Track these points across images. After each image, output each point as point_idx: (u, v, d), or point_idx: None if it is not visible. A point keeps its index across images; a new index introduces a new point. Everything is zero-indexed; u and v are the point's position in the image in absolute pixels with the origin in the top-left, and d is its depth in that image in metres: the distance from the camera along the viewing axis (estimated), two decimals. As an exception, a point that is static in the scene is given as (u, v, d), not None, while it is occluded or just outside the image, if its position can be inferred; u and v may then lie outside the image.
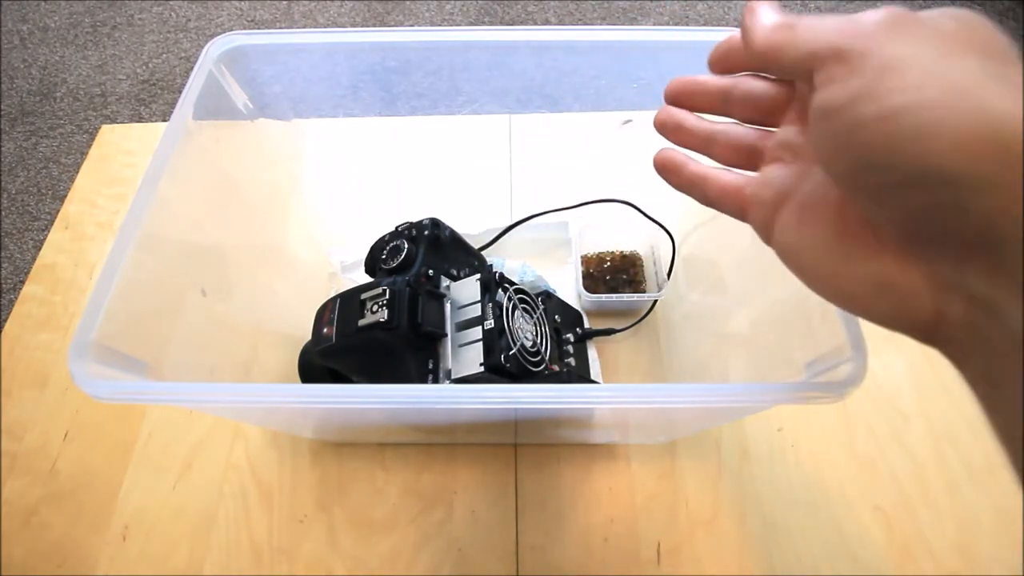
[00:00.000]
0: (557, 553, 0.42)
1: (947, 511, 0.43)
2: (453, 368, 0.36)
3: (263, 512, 0.44)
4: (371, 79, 0.41)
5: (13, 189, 1.36)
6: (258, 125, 0.42)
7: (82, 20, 1.68)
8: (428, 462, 0.46)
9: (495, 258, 0.52)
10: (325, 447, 0.47)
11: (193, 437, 0.47)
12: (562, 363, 0.44)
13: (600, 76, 0.40)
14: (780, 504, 0.44)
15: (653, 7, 1.67)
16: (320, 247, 0.55)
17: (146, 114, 1.50)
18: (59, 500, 0.45)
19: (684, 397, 0.26)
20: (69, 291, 0.55)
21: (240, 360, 0.41)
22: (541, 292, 0.47)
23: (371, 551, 0.43)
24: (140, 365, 0.29)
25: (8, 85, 1.55)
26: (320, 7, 1.68)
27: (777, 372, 0.33)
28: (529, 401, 0.26)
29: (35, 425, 0.48)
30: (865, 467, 0.45)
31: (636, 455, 0.46)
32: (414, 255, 0.40)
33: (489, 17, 1.66)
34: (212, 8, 1.70)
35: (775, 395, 0.26)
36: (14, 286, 1.22)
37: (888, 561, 0.42)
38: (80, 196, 0.61)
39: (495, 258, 0.52)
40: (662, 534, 0.43)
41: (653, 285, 0.52)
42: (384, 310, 0.35)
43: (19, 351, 0.52)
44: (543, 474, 0.45)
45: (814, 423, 0.47)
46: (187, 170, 0.34)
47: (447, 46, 0.38)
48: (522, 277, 0.51)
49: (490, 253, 0.54)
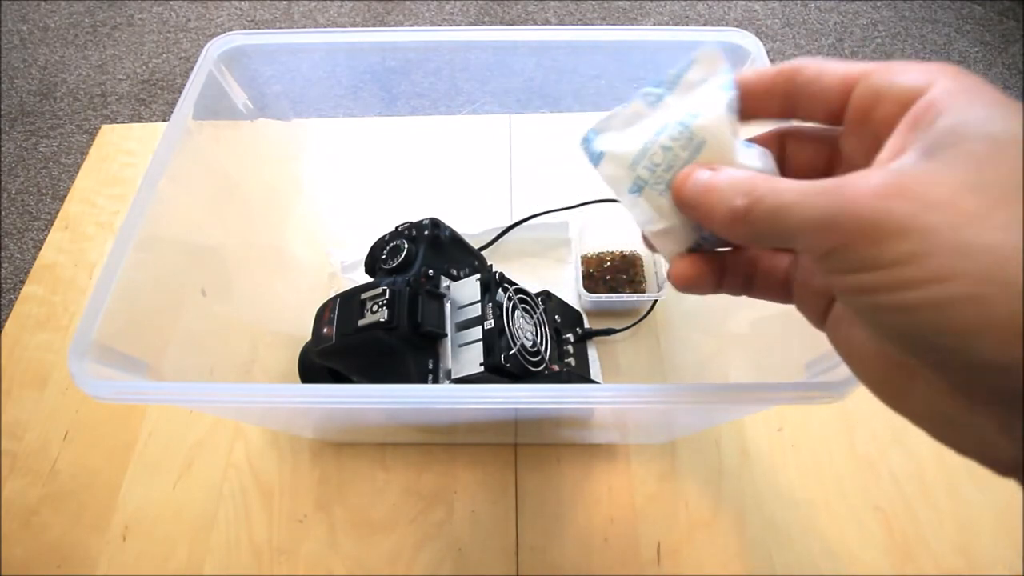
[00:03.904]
0: (557, 553, 0.42)
1: (947, 511, 0.43)
2: (453, 368, 0.36)
3: (263, 512, 0.44)
4: (371, 79, 0.41)
5: (13, 189, 1.36)
6: (258, 125, 0.42)
7: (82, 20, 1.68)
8: (428, 462, 0.46)
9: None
10: (325, 447, 0.47)
11: (193, 437, 0.47)
12: (562, 363, 0.44)
13: (600, 76, 0.40)
14: (780, 504, 0.44)
15: (653, 7, 1.67)
16: (320, 247, 0.55)
17: (146, 114, 1.50)
18: (59, 500, 0.45)
19: (684, 397, 0.26)
20: (69, 291, 0.55)
21: (240, 360, 0.41)
22: (541, 292, 0.47)
23: (371, 551, 0.43)
24: (140, 365, 0.29)
25: (8, 85, 1.55)
26: (320, 7, 1.68)
27: (777, 372, 0.33)
28: (529, 401, 0.26)
29: (35, 425, 0.48)
30: (865, 467, 0.45)
31: (636, 455, 0.46)
32: (414, 255, 0.40)
33: (489, 17, 1.66)
34: (212, 8, 1.70)
35: (775, 395, 0.26)
36: (14, 286, 1.22)
37: (888, 561, 0.42)
38: (80, 196, 0.61)
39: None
40: (662, 534, 0.43)
41: (653, 285, 0.52)
42: (384, 310, 0.35)
43: (19, 351, 0.52)
44: (543, 474, 0.45)
45: (814, 423, 0.47)
46: (187, 170, 0.34)
47: (447, 46, 0.38)
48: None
49: (490, 253, 0.54)
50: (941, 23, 1.64)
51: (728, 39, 0.37)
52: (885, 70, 0.17)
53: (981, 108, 0.15)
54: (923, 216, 0.13)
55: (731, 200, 0.17)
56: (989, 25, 1.63)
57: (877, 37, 1.61)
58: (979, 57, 1.56)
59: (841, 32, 1.62)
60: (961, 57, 1.56)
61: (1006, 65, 1.54)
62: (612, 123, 0.22)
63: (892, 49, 1.58)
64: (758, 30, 1.63)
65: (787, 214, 0.16)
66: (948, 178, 0.14)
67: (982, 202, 0.13)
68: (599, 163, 0.22)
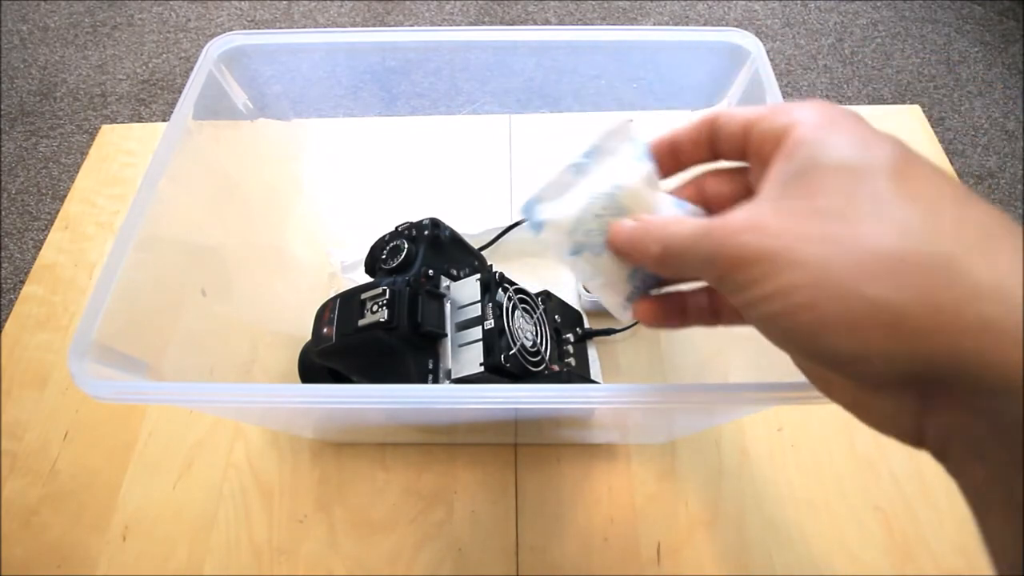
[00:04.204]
0: (557, 553, 0.42)
1: (947, 511, 0.43)
2: (453, 368, 0.36)
3: (263, 512, 0.44)
4: (371, 79, 0.41)
5: (13, 189, 1.36)
6: (258, 125, 0.42)
7: (82, 20, 1.68)
8: (428, 462, 0.46)
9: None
10: (325, 447, 0.47)
11: (193, 437, 0.47)
12: (562, 363, 0.44)
13: (600, 76, 0.40)
14: (780, 504, 0.44)
15: (653, 7, 1.67)
16: (320, 247, 0.55)
17: (146, 114, 1.50)
18: (59, 500, 0.45)
19: (684, 397, 0.26)
20: (69, 291, 0.55)
21: (240, 360, 0.41)
22: (541, 292, 0.47)
23: (371, 551, 0.43)
24: (140, 365, 0.29)
25: (8, 85, 1.55)
26: (320, 7, 1.68)
27: (777, 372, 0.33)
28: (529, 401, 0.26)
29: (35, 425, 0.48)
30: (865, 467, 0.45)
31: (636, 455, 0.46)
32: (414, 255, 0.40)
33: (489, 17, 1.66)
34: (212, 8, 1.71)
35: (775, 395, 0.26)
36: (14, 286, 1.22)
37: (888, 561, 0.42)
38: (80, 196, 0.61)
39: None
40: (662, 534, 0.43)
41: (653, 285, 0.52)
42: (384, 310, 0.35)
43: (19, 351, 0.52)
44: (543, 474, 0.45)
45: (814, 423, 0.47)
46: (187, 170, 0.34)
47: (447, 46, 0.38)
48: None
49: (490, 253, 0.54)
50: (941, 23, 1.64)
51: (728, 39, 0.37)
52: (770, 113, 0.20)
53: (837, 136, 0.18)
54: (768, 243, 0.17)
55: (648, 248, 0.21)
56: (989, 25, 1.63)
57: (877, 37, 1.61)
58: (979, 57, 1.56)
59: (841, 32, 1.62)
60: (961, 57, 1.56)
61: (1006, 65, 1.54)
62: (547, 193, 0.25)
63: (892, 49, 1.58)
64: (758, 30, 1.63)
65: (685, 254, 0.20)
66: (791, 207, 0.17)
67: (814, 224, 0.16)
68: (541, 231, 0.25)
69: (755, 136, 0.20)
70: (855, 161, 0.17)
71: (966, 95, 1.49)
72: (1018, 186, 1.35)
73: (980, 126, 1.44)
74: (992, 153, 1.40)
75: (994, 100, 1.48)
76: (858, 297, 0.15)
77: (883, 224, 0.16)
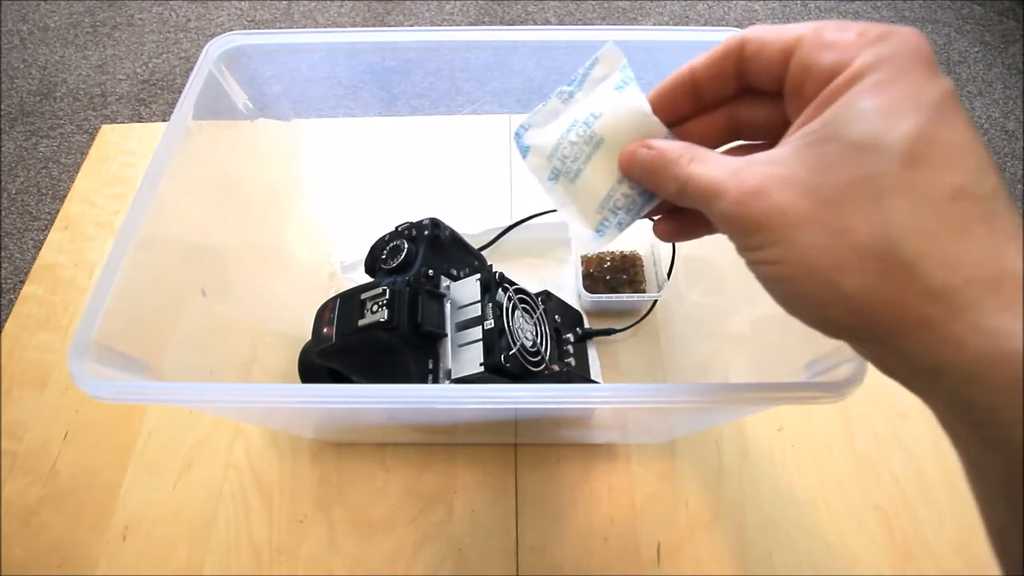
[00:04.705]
0: (557, 553, 0.42)
1: (947, 511, 0.43)
2: (453, 368, 0.36)
3: (263, 512, 0.44)
4: (371, 79, 0.41)
5: (13, 189, 1.36)
6: (258, 125, 0.42)
7: (82, 20, 1.68)
8: (428, 462, 0.46)
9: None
10: (325, 447, 0.47)
11: (193, 437, 0.47)
12: (562, 363, 0.44)
13: (600, 76, 0.40)
14: (780, 504, 0.44)
15: (653, 7, 1.67)
16: (320, 247, 0.55)
17: (146, 114, 1.50)
18: (59, 500, 0.45)
19: (684, 397, 0.26)
20: (69, 291, 0.55)
21: (240, 360, 0.41)
22: (541, 292, 0.47)
23: (371, 551, 0.43)
24: (140, 365, 0.29)
25: (8, 85, 1.55)
26: (320, 7, 1.68)
27: (777, 372, 0.33)
28: (529, 401, 0.26)
29: (35, 425, 0.48)
30: (865, 467, 0.45)
31: (636, 455, 0.46)
32: (414, 255, 0.40)
33: (489, 17, 1.66)
34: (212, 8, 1.70)
35: (775, 395, 0.26)
36: (14, 286, 1.22)
37: (888, 561, 0.42)
38: (80, 196, 0.61)
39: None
40: (662, 534, 0.43)
41: (653, 285, 0.52)
42: (384, 310, 0.35)
43: (19, 351, 0.52)
44: (543, 474, 0.45)
45: (814, 423, 0.47)
46: (187, 170, 0.34)
47: (447, 46, 0.38)
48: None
49: (490, 253, 0.54)
50: (941, 23, 1.64)
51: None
52: (815, 40, 0.19)
53: (872, 100, 0.17)
54: (771, 217, 0.18)
55: (666, 186, 0.22)
56: (989, 25, 1.63)
57: (877, 37, 1.61)
58: (979, 57, 1.56)
59: (841, 32, 1.62)
60: (961, 57, 1.56)
61: (1006, 65, 1.54)
62: (536, 119, 0.26)
63: (892, 49, 1.58)
64: (758, 30, 1.63)
65: (699, 203, 0.21)
66: (801, 180, 0.18)
67: (811, 206, 0.17)
68: (527, 155, 0.25)
69: (796, 68, 0.19)
70: (871, 139, 0.17)
71: (966, 95, 1.49)
72: (1018, 186, 1.35)
73: (980, 126, 1.44)
74: (992, 153, 1.40)
75: (994, 100, 1.48)
76: (833, 285, 0.17)
77: (870, 218, 0.17)
